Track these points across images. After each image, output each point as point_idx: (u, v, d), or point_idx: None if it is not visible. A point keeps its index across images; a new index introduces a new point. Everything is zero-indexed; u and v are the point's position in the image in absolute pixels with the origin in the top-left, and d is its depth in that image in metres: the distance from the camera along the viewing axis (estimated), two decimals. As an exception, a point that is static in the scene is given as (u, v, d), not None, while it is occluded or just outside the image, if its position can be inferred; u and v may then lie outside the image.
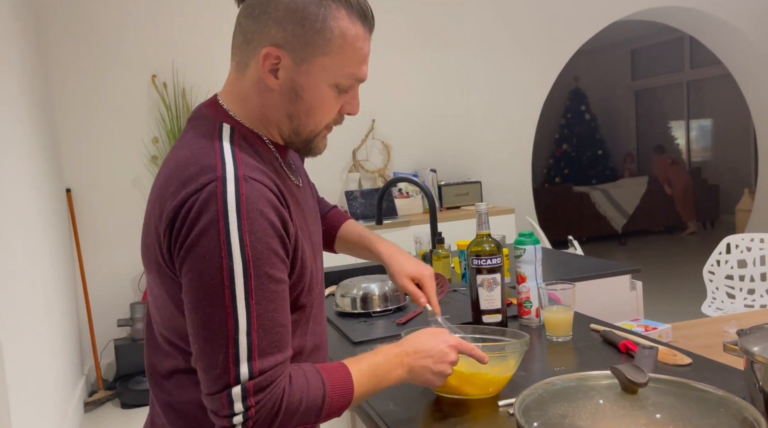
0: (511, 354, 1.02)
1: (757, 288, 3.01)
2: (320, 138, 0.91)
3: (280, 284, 0.80)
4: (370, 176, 4.16)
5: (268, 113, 0.88)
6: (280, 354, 0.79)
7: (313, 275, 0.89)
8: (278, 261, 0.80)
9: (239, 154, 0.82)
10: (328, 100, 0.87)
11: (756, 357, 0.75)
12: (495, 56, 4.40)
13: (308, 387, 0.81)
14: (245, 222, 0.76)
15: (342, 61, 0.84)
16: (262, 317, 0.77)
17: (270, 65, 0.84)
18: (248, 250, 0.76)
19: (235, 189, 0.77)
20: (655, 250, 6.57)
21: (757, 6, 4.94)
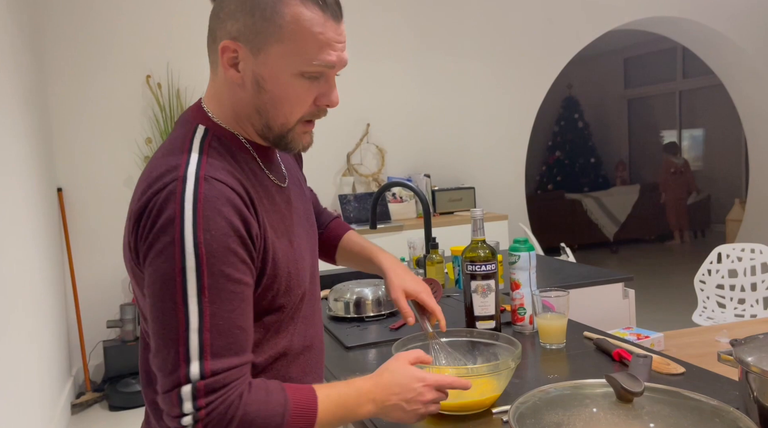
0: (503, 372, 1.01)
1: (747, 298, 3.03)
2: (296, 132, 0.87)
3: (239, 285, 0.78)
4: (364, 180, 4.16)
5: (240, 109, 0.87)
6: (235, 358, 0.77)
7: (291, 276, 0.87)
8: (237, 261, 0.78)
9: (207, 154, 0.83)
10: (296, 90, 0.84)
11: (751, 367, 0.75)
12: (490, 63, 4.41)
13: (268, 401, 0.78)
14: (201, 220, 0.76)
15: (299, 48, 0.81)
16: (216, 316, 0.76)
17: (229, 59, 0.84)
18: (202, 248, 0.75)
19: (194, 188, 0.77)
20: (646, 258, 6.60)
21: (750, 17, 4.99)
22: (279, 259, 0.85)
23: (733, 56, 5.16)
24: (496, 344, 1.12)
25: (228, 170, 0.82)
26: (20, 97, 2.75)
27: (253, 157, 0.89)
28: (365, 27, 4.12)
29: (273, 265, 0.84)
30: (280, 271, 0.85)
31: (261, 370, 0.88)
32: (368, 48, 4.14)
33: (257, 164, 0.89)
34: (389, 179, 4.17)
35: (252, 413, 0.77)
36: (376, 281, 1.67)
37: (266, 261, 0.83)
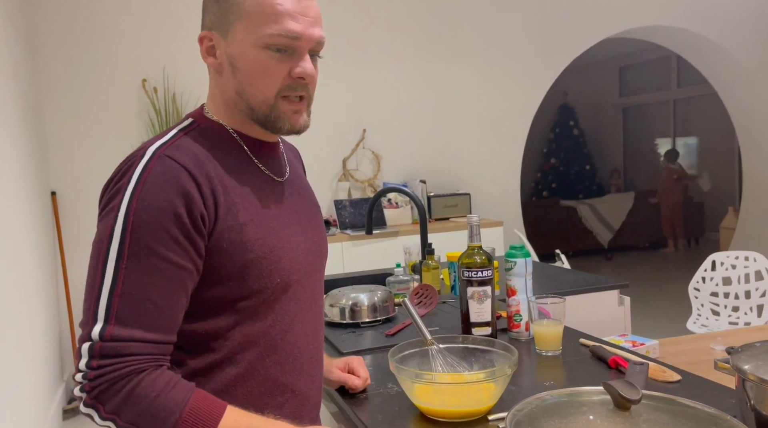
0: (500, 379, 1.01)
1: (741, 306, 3.04)
2: (280, 110, 0.89)
3: (164, 262, 0.79)
4: (360, 186, 4.16)
5: (226, 98, 0.91)
6: (140, 331, 0.77)
7: (268, 262, 0.88)
8: (167, 239, 0.79)
9: (178, 138, 0.87)
10: (265, 64, 0.86)
11: (748, 375, 0.75)
12: (486, 70, 4.43)
13: (166, 393, 0.77)
14: (139, 191, 0.79)
15: (259, 20, 0.85)
16: (130, 285, 0.77)
17: (207, 48, 0.90)
18: (131, 216, 0.78)
19: (146, 163, 0.81)
20: (640, 265, 6.62)
21: (744, 27, 5.03)
22: (251, 243, 0.86)
23: (727, 65, 5.20)
24: (493, 350, 1.12)
25: (193, 152, 0.85)
26: (15, 100, 2.74)
27: (240, 147, 0.92)
28: (363, 33, 4.13)
29: (242, 248, 0.85)
30: (252, 255, 0.86)
31: (230, 358, 0.87)
32: (365, 54, 4.15)
33: (245, 154, 0.92)
34: (385, 184, 4.17)
35: (143, 395, 0.76)
36: (372, 287, 1.67)
37: (219, 246, 0.83)
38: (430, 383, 1.01)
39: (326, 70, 4.06)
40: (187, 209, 0.80)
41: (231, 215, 0.85)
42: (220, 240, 0.84)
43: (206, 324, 0.86)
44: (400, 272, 1.90)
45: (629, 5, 4.73)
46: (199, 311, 0.86)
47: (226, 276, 0.85)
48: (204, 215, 0.82)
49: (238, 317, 0.87)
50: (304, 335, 0.96)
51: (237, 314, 0.87)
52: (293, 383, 0.93)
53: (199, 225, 0.82)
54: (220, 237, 0.84)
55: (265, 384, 0.91)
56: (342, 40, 4.09)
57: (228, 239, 0.84)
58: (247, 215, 0.87)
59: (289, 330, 0.93)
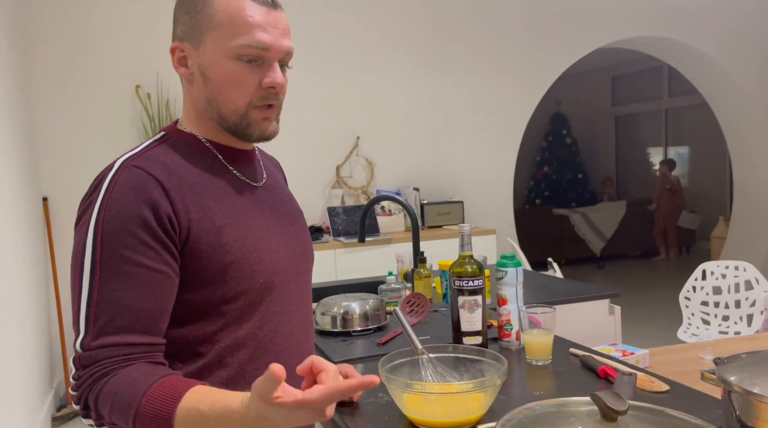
0: (489, 389, 1.01)
1: (731, 315, 3.06)
2: (251, 118, 0.91)
3: (136, 267, 0.81)
4: (353, 193, 4.16)
5: (197, 107, 0.93)
6: (116, 336, 0.79)
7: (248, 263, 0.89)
8: (138, 244, 0.81)
9: (149, 149, 0.89)
10: (236, 74, 0.88)
11: (734, 386, 0.76)
12: (480, 78, 4.45)
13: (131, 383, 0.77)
14: (107, 202, 0.82)
15: (231, 31, 0.87)
16: (105, 293, 0.80)
17: (179, 59, 0.92)
18: (101, 227, 0.81)
19: (114, 174, 0.84)
20: (632, 274, 6.64)
21: (734, 39, 5.09)
22: (229, 245, 0.88)
23: (718, 77, 5.25)
24: (483, 360, 1.12)
25: (162, 161, 0.87)
26: (6, 105, 2.73)
27: (214, 155, 0.94)
28: (358, 41, 4.15)
29: (221, 250, 0.86)
30: (231, 257, 0.87)
31: (219, 361, 0.89)
32: (360, 61, 4.17)
33: (219, 162, 0.94)
34: (378, 192, 4.18)
35: (107, 394, 0.78)
36: (364, 296, 1.67)
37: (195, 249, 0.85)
38: (420, 393, 1.01)
39: (320, 77, 4.07)
40: (154, 214, 0.82)
41: (207, 218, 0.87)
42: (198, 243, 0.85)
43: (194, 329, 0.88)
44: (392, 281, 1.90)
45: (621, 16, 4.78)
46: (186, 316, 0.87)
47: (208, 279, 0.87)
48: (172, 219, 0.84)
49: (224, 320, 0.89)
50: (293, 336, 0.97)
51: (223, 318, 0.89)
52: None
53: (168, 228, 0.83)
54: (197, 240, 0.85)
55: None
56: (337, 48, 4.10)
57: (206, 242, 0.86)
58: (223, 219, 0.89)
59: (278, 332, 0.95)
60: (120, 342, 0.80)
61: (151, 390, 0.77)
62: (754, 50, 5.15)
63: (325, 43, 4.08)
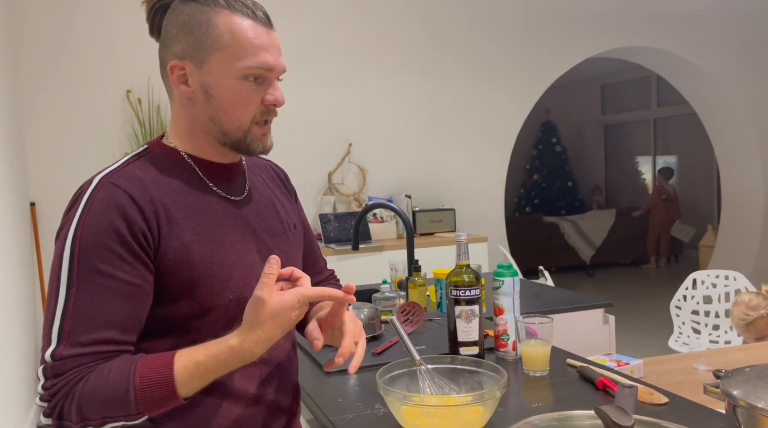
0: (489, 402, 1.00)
1: (721, 324, 3.07)
2: (253, 134, 0.94)
3: (112, 280, 0.83)
4: (345, 200, 4.15)
5: (194, 123, 0.95)
6: (91, 346, 0.81)
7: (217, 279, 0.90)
8: (114, 258, 0.84)
9: (128, 165, 0.92)
10: (242, 93, 0.91)
11: (739, 401, 0.75)
12: (471, 87, 4.47)
13: (108, 377, 0.80)
14: (84, 218, 0.85)
15: (237, 52, 0.90)
16: (80, 306, 0.82)
17: (178, 77, 0.93)
18: (78, 242, 0.84)
19: (92, 191, 0.87)
20: (621, 282, 6.68)
21: (721, 49, 5.15)
22: (196, 261, 0.89)
23: (706, 87, 5.31)
24: (481, 371, 1.11)
25: (138, 176, 0.90)
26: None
27: (192, 169, 0.96)
28: (350, 48, 4.15)
29: (188, 267, 0.88)
30: (198, 273, 0.89)
31: None
32: (352, 69, 4.16)
33: (197, 176, 0.96)
34: (370, 199, 4.17)
35: (90, 392, 0.79)
36: (358, 304, 1.65)
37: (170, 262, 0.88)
38: (419, 405, 1.00)
39: (313, 84, 4.06)
40: (129, 229, 0.85)
41: (174, 235, 0.89)
42: (165, 260, 0.88)
43: (165, 343, 0.89)
44: (386, 289, 1.89)
45: (611, 26, 4.82)
46: (157, 329, 0.89)
47: (176, 294, 0.89)
48: (146, 234, 0.86)
49: (195, 335, 0.89)
50: (272, 350, 0.96)
51: (195, 333, 0.90)
52: (263, 395, 0.97)
53: (143, 243, 0.86)
54: (164, 257, 0.88)
55: (233, 397, 0.94)
56: (329, 55, 4.10)
57: (172, 258, 0.88)
58: (191, 235, 0.90)
59: None
60: (94, 351, 0.82)
61: (139, 367, 0.81)
62: (741, 60, 5.22)
63: (318, 50, 4.07)
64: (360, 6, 4.16)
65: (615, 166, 9.20)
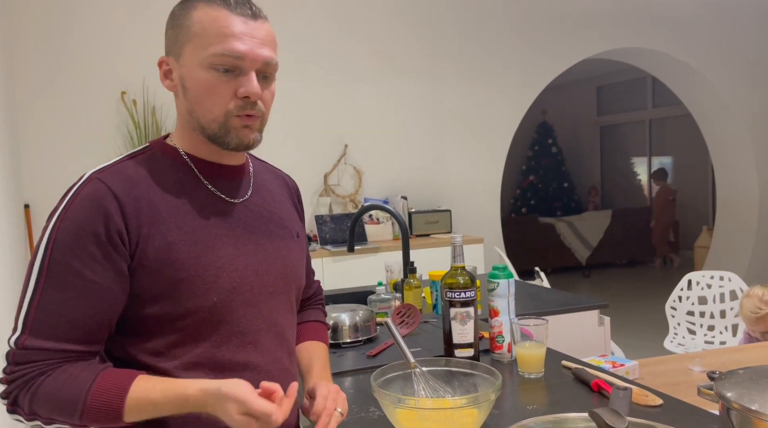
0: (483, 404, 0.99)
1: (716, 325, 3.08)
2: (231, 126, 0.91)
3: (82, 280, 0.83)
4: (341, 201, 4.14)
5: (182, 120, 0.95)
6: (51, 342, 0.82)
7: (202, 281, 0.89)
8: (86, 257, 0.83)
9: (121, 162, 0.91)
10: (211, 83, 0.89)
11: (732, 403, 0.75)
12: (467, 88, 4.47)
13: (71, 382, 0.82)
14: (64, 213, 0.85)
15: (204, 41, 0.89)
16: (47, 299, 0.82)
17: (165, 72, 0.94)
18: (54, 234, 0.84)
19: (79, 186, 0.87)
20: (617, 283, 6.69)
21: (717, 50, 5.17)
22: (180, 261, 0.88)
23: (701, 88, 5.33)
24: (476, 374, 1.11)
25: (127, 174, 0.89)
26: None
27: (189, 168, 0.95)
28: (346, 49, 4.14)
29: (171, 267, 0.87)
30: (182, 274, 0.88)
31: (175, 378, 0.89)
32: (347, 70, 4.16)
33: (194, 175, 0.95)
34: (366, 200, 4.16)
35: (45, 392, 0.81)
36: (353, 306, 1.65)
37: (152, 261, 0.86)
38: (413, 408, 0.99)
39: (309, 85, 4.06)
40: (105, 229, 0.84)
41: (159, 234, 0.88)
42: (144, 259, 0.86)
43: (147, 344, 0.89)
44: (381, 291, 1.89)
45: (607, 27, 4.83)
46: (140, 330, 0.89)
47: (158, 295, 0.87)
48: (123, 234, 0.85)
49: (177, 336, 0.89)
50: (261, 356, 0.95)
51: (177, 333, 0.89)
52: None
53: (117, 243, 0.85)
54: (143, 256, 0.86)
55: None
56: (325, 56, 4.10)
57: (153, 258, 0.87)
58: (178, 234, 0.89)
59: (239, 353, 0.93)
60: (55, 348, 0.83)
61: (95, 385, 0.82)
62: (736, 61, 5.24)
63: (314, 52, 4.07)
64: (356, 8, 4.16)
65: (611, 167, 9.22)
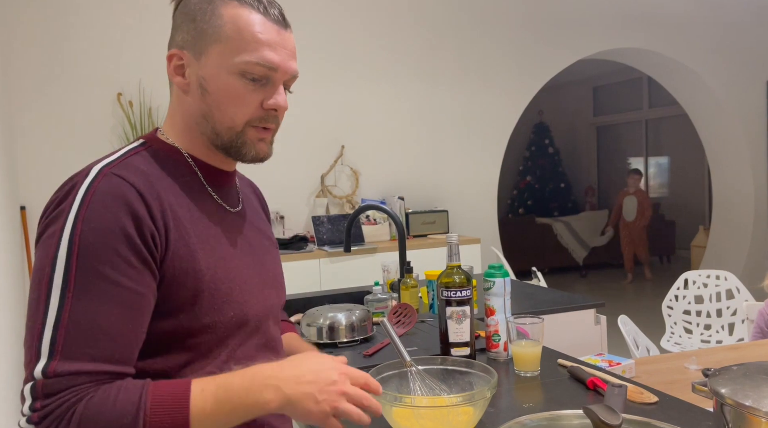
0: (479, 402, 1.00)
1: (713, 324, 3.09)
2: (248, 137, 0.86)
3: (115, 287, 0.73)
4: (338, 202, 4.15)
5: (188, 121, 0.88)
6: (90, 363, 0.70)
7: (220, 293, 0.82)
8: (120, 261, 0.73)
9: (128, 157, 0.82)
10: (237, 91, 0.83)
11: (726, 399, 0.75)
12: (464, 88, 4.48)
13: (116, 399, 0.69)
14: (84, 211, 0.73)
15: (237, 46, 0.82)
16: (78, 314, 0.70)
17: (176, 67, 0.86)
18: (77, 239, 0.72)
19: (91, 181, 0.76)
20: (614, 282, 6.70)
21: (712, 51, 5.18)
22: (202, 272, 0.81)
23: (697, 88, 5.35)
24: (471, 372, 1.11)
25: (143, 170, 0.80)
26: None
27: (194, 172, 0.88)
28: (343, 50, 4.15)
29: (194, 277, 0.79)
30: (203, 285, 0.81)
31: None
32: (344, 70, 4.16)
33: (198, 180, 0.88)
34: (363, 201, 4.17)
35: (91, 415, 0.68)
36: (350, 306, 1.65)
37: (172, 269, 0.78)
38: (409, 407, 0.99)
39: (305, 85, 4.06)
40: (137, 229, 0.75)
41: (182, 240, 0.80)
42: (171, 267, 0.78)
43: (155, 363, 0.80)
44: (378, 291, 1.89)
45: (603, 28, 4.85)
46: (148, 347, 0.79)
47: (177, 308, 0.79)
48: (155, 236, 0.77)
49: (189, 355, 0.81)
50: None
51: (188, 352, 0.81)
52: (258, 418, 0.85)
53: (151, 246, 0.76)
54: (171, 264, 0.78)
55: None
56: (322, 57, 4.10)
57: (179, 266, 0.79)
58: (197, 242, 0.82)
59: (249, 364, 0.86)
60: (97, 370, 0.71)
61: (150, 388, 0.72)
62: (732, 61, 5.26)
63: (311, 52, 4.07)
64: (352, 8, 4.16)
65: (607, 167, 9.24)
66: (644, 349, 2.42)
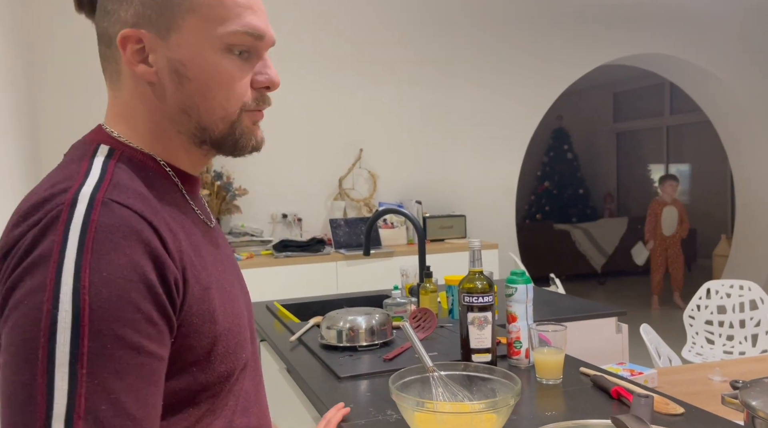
0: (503, 409, 0.99)
1: (736, 335, 3.03)
2: (244, 125, 0.69)
3: (139, 355, 0.55)
4: (356, 205, 4.15)
5: (159, 120, 0.68)
6: None
7: (232, 335, 0.68)
8: (140, 319, 0.55)
9: (112, 172, 0.63)
10: (225, 71, 0.66)
11: (758, 412, 0.74)
12: (483, 93, 4.46)
13: None
14: (88, 257, 0.54)
15: (217, 13, 0.65)
16: (97, 396, 0.52)
17: (134, 53, 0.65)
18: (86, 296, 0.53)
19: (85, 213, 0.56)
20: (633, 290, 6.62)
21: (736, 56, 5.11)
22: (216, 312, 0.66)
23: (720, 94, 5.27)
24: (494, 378, 1.10)
25: (140, 193, 0.62)
26: (9, 113, 2.72)
27: (175, 184, 0.70)
28: (360, 53, 4.16)
29: (210, 320, 0.64)
30: (219, 328, 0.65)
31: None
32: (363, 74, 4.17)
33: (181, 195, 0.71)
34: (380, 204, 4.17)
35: None
36: (369, 310, 1.65)
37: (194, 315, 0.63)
38: (432, 412, 0.99)
39: (323, 89, 4.07)
40: (159, 275, 0.58)
41: (194, 277, 0.64)
42: (189, 314, 0.62)
43: None
44: (397, 295, 1.88)
45: (624, 33, 4.80)
46: None
47: (192, 361, 0.63)
48: (177, 280, 0.61)
49: (200, 411, 0.65)
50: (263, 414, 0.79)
51: (198, 410, 0.65)
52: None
53: (174, 294, 0.60)
54: (189, 310, 0.62)
55: None
56: (339, 60, 4.11)
57: (197, 311, 0.63)
58: (207, 277, 0.66)
59: (251, 416, 0.74)
60: None
61: None
62: (756, 67, 5.17)
63: (329, 55, 4.09)
64: (371, 11, 4.18)
65: (627, 174, 9.14)
66: (666, 359, 2.38)
